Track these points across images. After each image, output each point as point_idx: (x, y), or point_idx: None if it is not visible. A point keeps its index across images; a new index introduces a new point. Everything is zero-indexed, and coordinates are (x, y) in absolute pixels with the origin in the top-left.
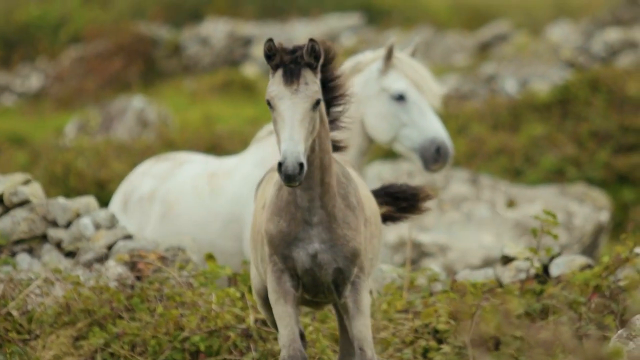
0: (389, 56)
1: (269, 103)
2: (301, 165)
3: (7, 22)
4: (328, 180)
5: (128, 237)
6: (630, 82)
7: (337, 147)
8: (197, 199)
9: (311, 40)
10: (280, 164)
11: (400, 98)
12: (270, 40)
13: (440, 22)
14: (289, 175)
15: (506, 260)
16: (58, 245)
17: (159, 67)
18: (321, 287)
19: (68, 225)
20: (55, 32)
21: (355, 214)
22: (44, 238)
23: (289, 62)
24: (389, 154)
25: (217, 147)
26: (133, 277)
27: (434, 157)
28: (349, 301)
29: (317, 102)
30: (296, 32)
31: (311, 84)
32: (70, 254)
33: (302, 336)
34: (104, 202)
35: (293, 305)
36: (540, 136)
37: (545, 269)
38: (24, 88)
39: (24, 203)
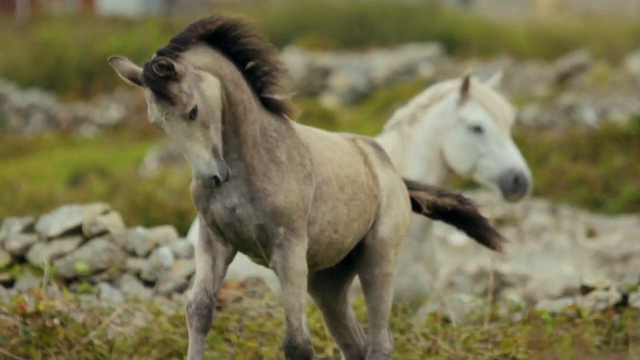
0: (465, 87)
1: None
2: (214, 176)
3: (87, 54)
4: (244, 130)
5: None
6: None
7: (280, 109)
8: None
9: (157, 52)
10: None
11: (478, 129)
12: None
13: (519, 52)
14: (212, 187)
15: (586, 290)
16: (137, 275)
17: None
18: (247, 243)
19: (147, 255)
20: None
21: (280, 169)
22: (123, 268)
23: (148, 86)
24: (470, 184)
25: None
26: None
27: (512, 187)
28: (277, 267)
29: (194, 111)
30: (374, 63)
31: (176, 100)
32: (149, 284)
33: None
34: (183, 232)
35: (214, 255)
36: (620, 166)
37: (625, 299)
38: (103, 119)
39: (103, 233)
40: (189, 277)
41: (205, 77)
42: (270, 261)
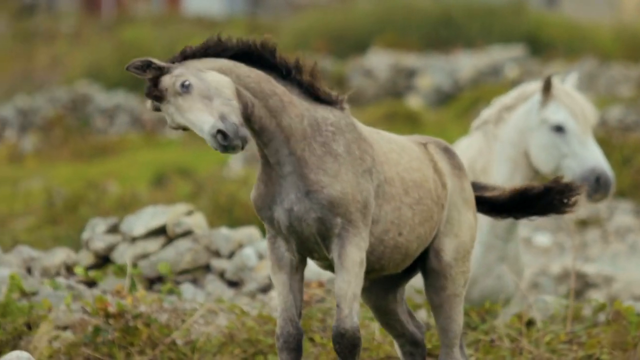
0: (547, 88)
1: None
2: (219, 130)
3: (172, 54)
4: (287, 123)
5: None
6: None
7: (330, 103)
8: None
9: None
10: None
11: (560, 129)
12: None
13: (604, 53)
14: (224, 146)
15: None
16: (221, 275)
17: None
18: (309, 243)
19: (231, 255)
20: None
21: (337, 161)
22: (207, 268)
23: (148, 97)
24: None
25: None
26: None
27: (594, 187)
28: (334, 255)
29: (184, 85)
30: (459, 64)
31: (166, 84)
32: (233, 284)
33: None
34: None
35: (288, 271)
36: None
37: None
38: None
39: (187, 234)
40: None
41: (208, 71)
42: (330, 253)
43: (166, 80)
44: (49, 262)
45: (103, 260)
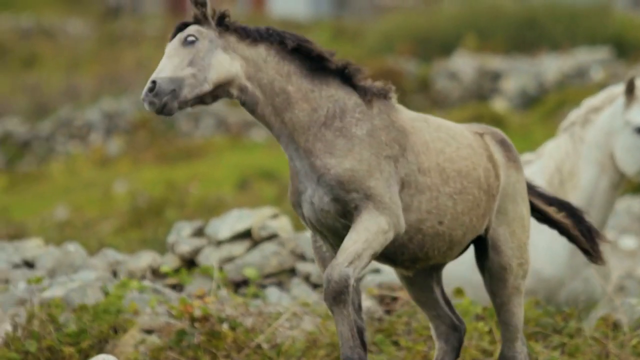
0: (629, 90)
1: None
2: (153, 81)
3: None
4: (289, 117)
5: (376, 270)
6: None
7: (364, 93)
8: None
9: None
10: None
11: None
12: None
13: None
14: (150, 95)
15: None
16: (307, 278)
17: (407, 100)
18: (338, 232)
19: None
20: None
21: (351, 142)
22: (292, 272)
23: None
24: None
25: None
26: (382, 310)
27: None
28: (352, 223)
29: (188, 39)
30: (544, 66)
31: (187, 31)
32: (319, 288)
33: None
34: None
35: None
36: None
37: None
38: None
39: (272, 237)
40: (360, 279)
41: (224, 49)
42: None
43: (190, 29)
44: (135, 265)
45: (188, 264)
